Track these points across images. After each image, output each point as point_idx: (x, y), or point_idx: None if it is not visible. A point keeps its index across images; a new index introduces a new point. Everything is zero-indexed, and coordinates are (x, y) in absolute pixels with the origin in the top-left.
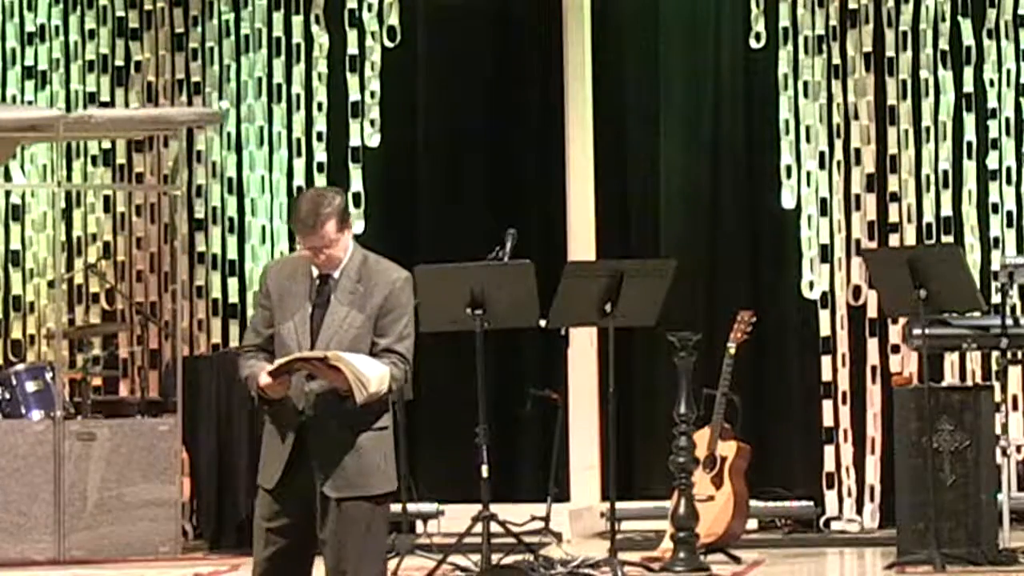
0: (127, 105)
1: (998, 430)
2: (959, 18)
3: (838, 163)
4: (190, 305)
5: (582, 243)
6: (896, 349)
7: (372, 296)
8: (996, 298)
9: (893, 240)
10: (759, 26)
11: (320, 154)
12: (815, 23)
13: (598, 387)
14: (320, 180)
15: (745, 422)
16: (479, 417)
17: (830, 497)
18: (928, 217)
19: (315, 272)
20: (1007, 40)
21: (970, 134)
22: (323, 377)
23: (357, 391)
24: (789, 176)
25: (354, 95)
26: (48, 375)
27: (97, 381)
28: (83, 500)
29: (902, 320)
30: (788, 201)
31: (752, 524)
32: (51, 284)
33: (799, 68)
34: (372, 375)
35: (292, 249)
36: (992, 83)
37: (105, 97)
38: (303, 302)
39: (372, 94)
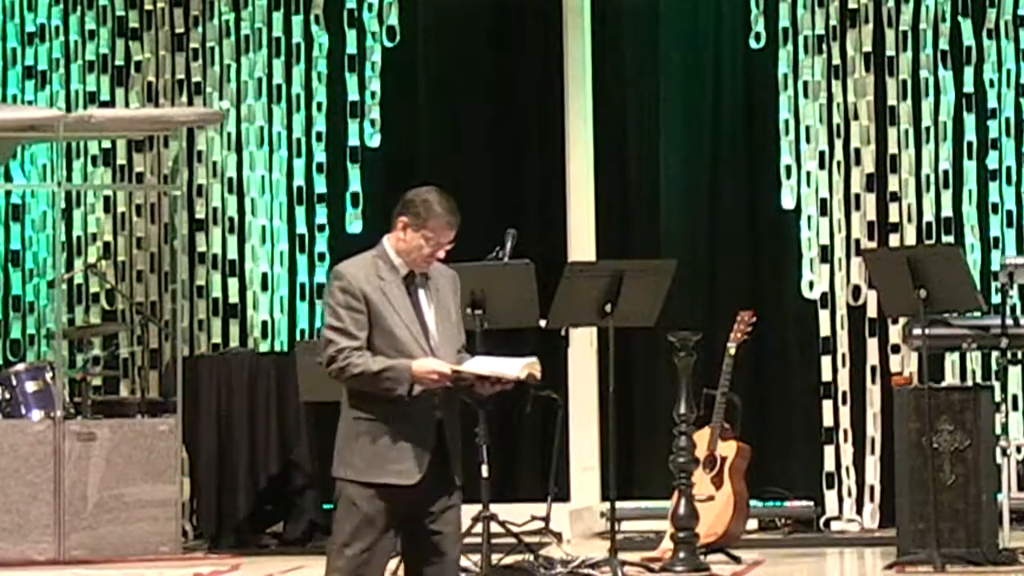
0: (127, 105)
1: (998, 430)
2: (959, 18)
3: (838, 163)
4: (190, 305)
5: (582, 243)
6: (896, 349)
7: (446, 293)
8: (996, 298)
9: (893, 240)
10: (759, 26)
11: (320, 154)
12: (815, 23)
13: (598, 387)
14: (320, 180)
15: (745, 422)
16: (479, 417)
17: (830, 497)
18: (928, 217)
19: (403, 271)
20: (1007, 40)
21: (970, 134)
22: (481, 389)
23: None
24: (789, 176)
25: (354, 95)
26: (48, 375)
27: (97, 381)
28: (83, 500)
29: (902, 320)
30: (788, 201)
31: (752, 524)
32: (51, 284)
33: (799, 68)
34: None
35: (292, 249)
36: (992, 83)
37: (105, 97)
38: (404, 301)
39: (372, 94)
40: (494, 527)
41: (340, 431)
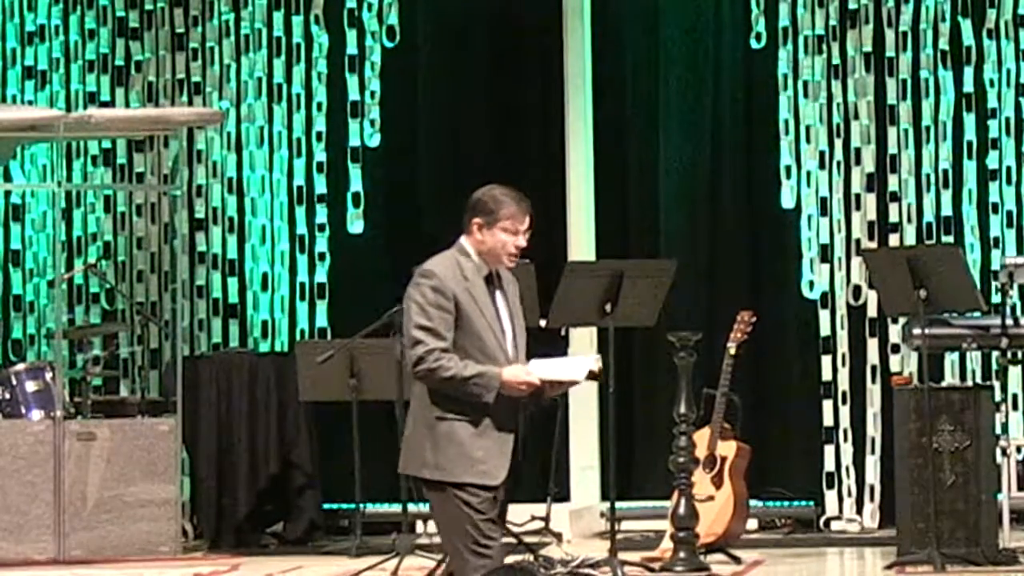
0: (127, 105)
1: (998, 430)
2: (959, 18)
3: (838, 163)
4: (190, 305)
5: (582, 243)
6: (896, 349)
7: (514, 295)
8: (996, 298)
9: (893, 240)
10: (759, 26)
11: (320, 154)
12: (815, 23)
13: (598, 387)
14: (320, 180)
15: (745, 422)
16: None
17: (830, 497)
18: (928, 217)
19: (483, 271)
20: (1007, 40)
21: (970, 134)
22: (551, 391)
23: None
24: (789, 176)
25: (354, 95)
26: (48, 375)
27: (97, 381)
28: (83, 500)
29: (902, 320)
30: (788, 201)
31: (752, 524)
32: (51, 284)
33: (799, 68)
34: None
35: (292, 249)
36: (992, 83)
37: (105, 97)
38: (488, 302)
39: (372, 94)
40: None
41: (415, 429)
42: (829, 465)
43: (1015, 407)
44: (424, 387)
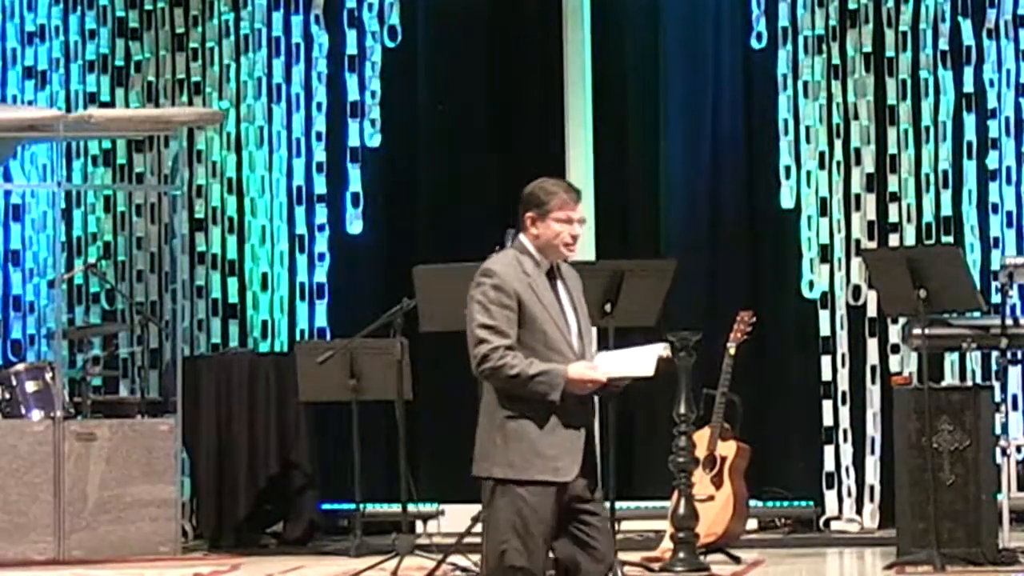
0: (127, 105)
1: (998, 430)
2: (959, 18)
3: (838, 163)
4: (190, 305)
5: (582, 243)
6: (896, 349)
7: (577, 290)
8: (996, 298)
9: (893, 240)
10: (759, 26)
11: (320, 154)
12: (815, 23)
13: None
14: (320, 180)
15: (745, 422)
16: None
17: (830, 497)
18: (928, 217)
19: (544, 267)
20: (1007, 40)
21: (970, 134)
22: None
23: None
24: (789, 176)
25: (354, 95)
26: (48, 375)
27: (97, 381)
28: (83, 500)
29: (902, 320)
30: (788, 201)
31: (752, 524)
32: (51, 284)
33: (799, 68)
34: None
35: (292, 249)
36: (992, 83)
37: (105, 97)
38: (551, 297)
39: (372, 94)
40: None
41: (485, 429)
42: (829, 465)
43: (1015, 407)
44: (492, 389)
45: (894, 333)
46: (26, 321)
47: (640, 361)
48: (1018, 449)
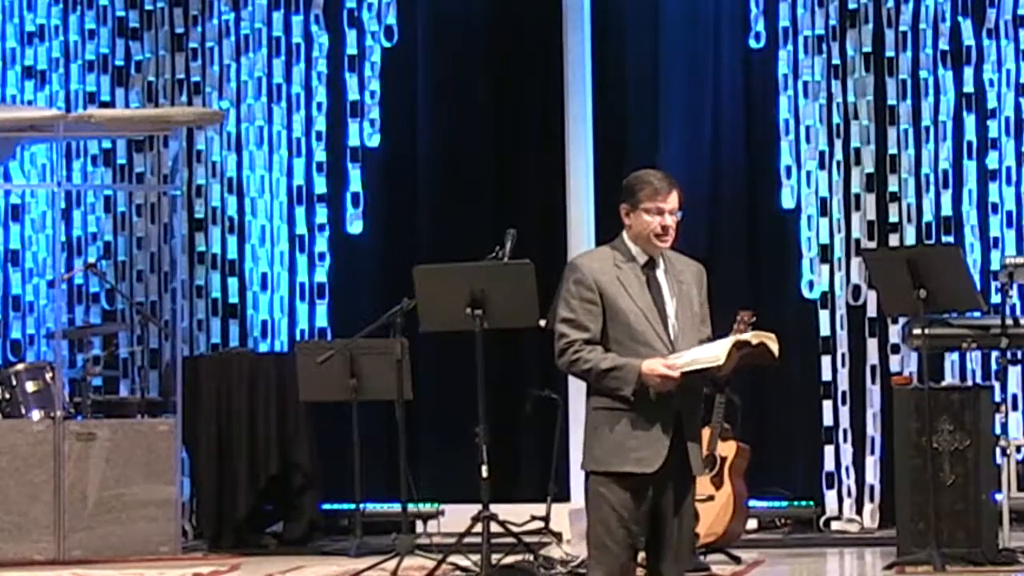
0: (127, 105)
1: (998, 430)
2: (959, 18)
3: (838, 163)
4: (190, 305)
5: (582, 243)
6: (896, 349)
7: (690, 284)
8: (996, 298)
9: (893, 240)
10: (759, 26)
11: (320, 154)
12: (815, 23)
13: None
14: (320, 180)
15: (745, 422)
16: (479, 417)
17: (830, 497)
18: (928, 217)
19: (641, 259)
20: (1007, 40)
21: (970, 134)
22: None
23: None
24: (789, 176)
25: (353, 95)
26: (48, 375)
27: (97, 381)
28: (83, 500)
29: (902, 320)
30: (788, 201)
31: (752, 524)
32: (51, 284)
33: (799, 68)
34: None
35: (292, 249)
36: (992, 83)
37: (105, 97)
38: (642, 289)
39: (372, 94)
40: (494, 527)
41: (586, 423)
42: (829, 465)
43: (1015, 407)
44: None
45: (894, 333)
46: (26, 321)
47: (712, 352)
48: (1018, 449)
